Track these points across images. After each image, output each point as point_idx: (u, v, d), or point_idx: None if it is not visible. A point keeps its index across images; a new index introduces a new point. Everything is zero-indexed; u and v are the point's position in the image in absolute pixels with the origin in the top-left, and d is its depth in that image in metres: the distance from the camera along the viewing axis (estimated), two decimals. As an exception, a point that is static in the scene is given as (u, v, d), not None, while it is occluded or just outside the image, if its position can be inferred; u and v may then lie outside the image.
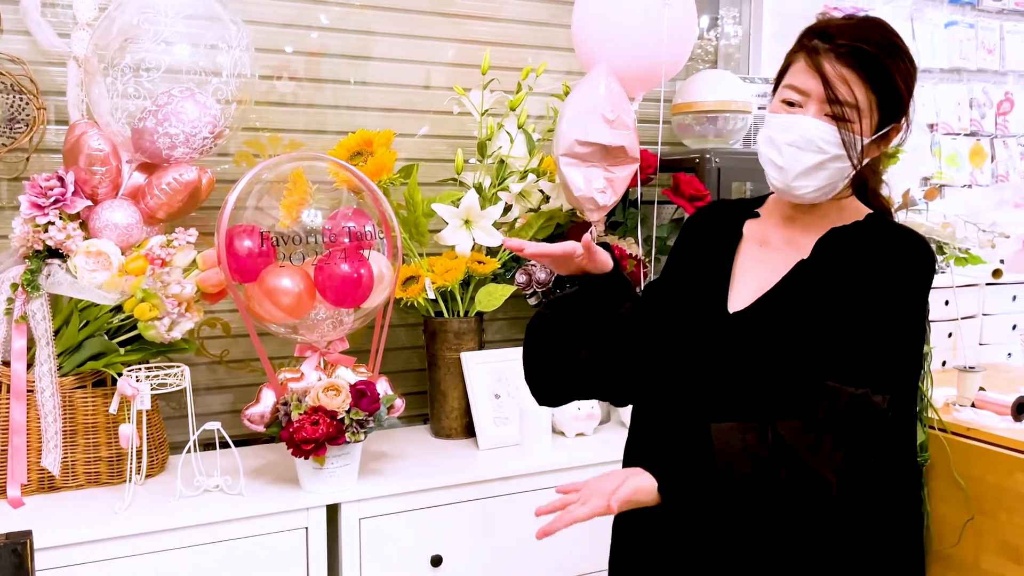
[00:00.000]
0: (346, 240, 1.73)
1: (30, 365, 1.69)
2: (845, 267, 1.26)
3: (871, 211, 1.34)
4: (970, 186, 3.10)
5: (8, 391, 1.67)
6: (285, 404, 1.68)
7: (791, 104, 1.26)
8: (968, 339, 2.69)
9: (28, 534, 1.37)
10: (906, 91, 1.25)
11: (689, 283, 1.38)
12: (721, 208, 1.47)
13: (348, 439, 1.67)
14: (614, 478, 1.21)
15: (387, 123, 2.22)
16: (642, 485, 1.19)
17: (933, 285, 1.30)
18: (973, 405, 2.27)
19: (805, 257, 1.30)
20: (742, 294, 1.32)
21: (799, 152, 1.24)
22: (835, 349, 1.22)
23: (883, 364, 1.21)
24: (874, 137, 1.25)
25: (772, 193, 1.41)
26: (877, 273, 1.24)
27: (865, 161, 1.27)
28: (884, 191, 1.41)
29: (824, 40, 1.23)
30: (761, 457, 1.16)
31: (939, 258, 2.32)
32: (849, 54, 1.21)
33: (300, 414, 1.66)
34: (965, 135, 3.10)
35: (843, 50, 1.21)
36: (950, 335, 2.69)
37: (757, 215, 1.41)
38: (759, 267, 1.34)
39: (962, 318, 2.67)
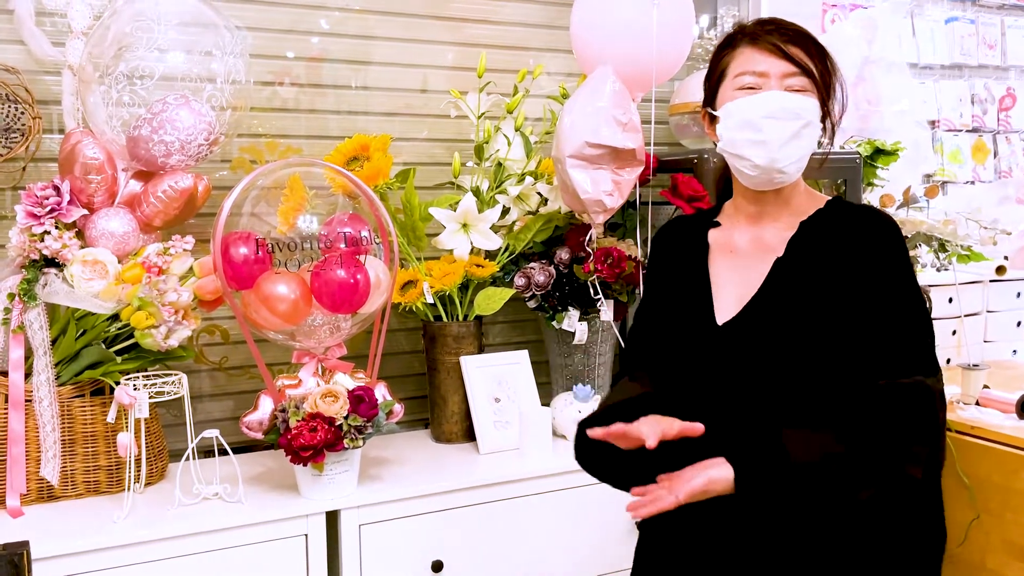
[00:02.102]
0: (342, 245, 1.72)
1: (28, 375, 1.69)
2: (823, 257, 1.27)
3: (828, 197, 1.37)
4: (973, 182, 3.08)
5: (6, 401, 1.67)
6: (283, 411, 1.68)
7: (750, 88, 1.29)
8: (972, 336, 2.68)
9: (25, 544, 1.37)
10: (834, 73, 1.33)
11: (671, 303, 1.38)
12: (682, 224, 1.49)
13: (346, 445, 1.67)
14: (695, 469, 1.18)
15: (389, 127, 2.22)
16: (717, 476, 1.16)
17: (936, 281, 1.30)
18: (978, 403, 2.26)
19: (778, 255, 1.30)
20: (726, 304, 1.32)
21: (779, 122, 1.26)
22: (850, 345, 1.22)
23: (911, 347, 1.22)
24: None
25: (725, 203, 1.43)
26: (860, 260, 1.25)
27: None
28: (883, 189, 1.42)
29: (761, 28, 1.30)
30: (843, 466, 1.15)
31: (941, 256, 2.31)
32: (794, 33, 1.29)
33: (298, 421, 1.65)
34: (967, 131, 3.09)
35: (786, 30, 1.29)
36: (954, 332, 2.68)
37: (718, 224, 1.42)
38: (735, 275, 1.34)
39: (966, 315, 2.65)
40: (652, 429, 1.16)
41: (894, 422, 1.18)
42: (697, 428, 1.18)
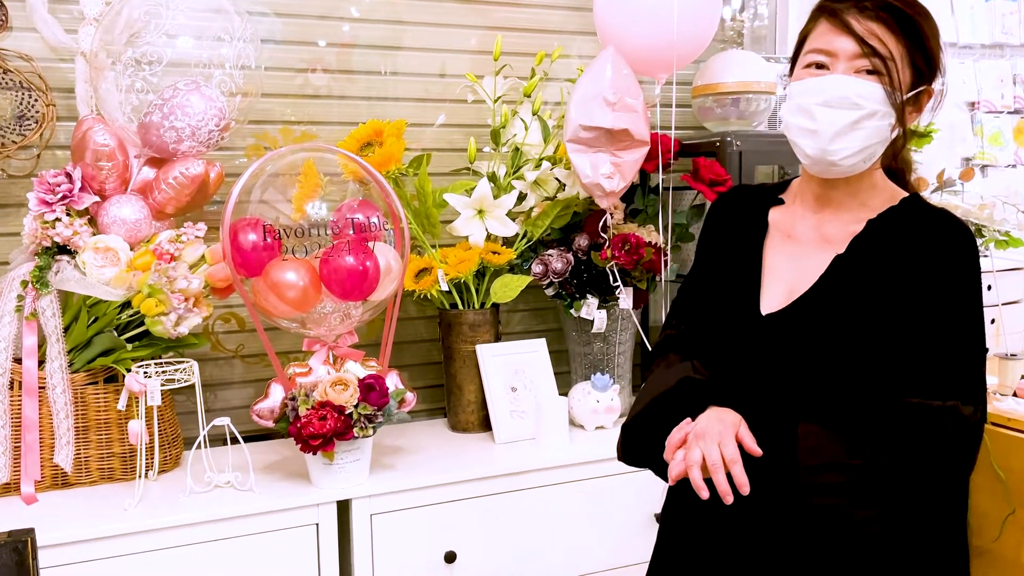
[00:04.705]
0: (351, 232, 1.70)
1: (41, 362, 1.69)
2: (886, 261, 1.19)
3: (906, 194, 1.27)
4: (1015, 165, 2.97)
5: (20, 388, 1.68)
6: (293, 399, 1.66)
7: (819, 67, 1.20)
8: (1010, 325, 2.59)
9: (30, 532, 1.36)
10: (936, 48, 1.20)
11: (719, 280, 1.31)
12: (743, 195, 1.40)
13: (356, 434, 1.65)
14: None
15: (419, 113, 2.18)
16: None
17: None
18: (1015, 394, 2.18)
19: (839, 252, 1.22)
20: (775, 294, 1.25)
21: (833, 111, 1.17)
22: (898, 357, 1.15)
23: (957, 368, 1.15)
24: (908, 96, 1.18)
25: (795, 179, 1.35)
26: (925, 270, 1.17)
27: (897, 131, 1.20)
28: (916, 172, 1.34)
29: (845, 1, 1.19)
30: (849, 476, 1.12)
31: (978, 241, 2.23)
32: (875, 8, 1.17)
33: (308, 409, 1.63)
34: (1008, 113, 2.98)
35: (868, 5, 1.17)
36: (992, 321, 2.59)
37: (781, 202, 1.33)
38: (790, 263, 1.26)
39: (1003, 303, 2.56)
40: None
41: (916, 447, 1.12)
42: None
